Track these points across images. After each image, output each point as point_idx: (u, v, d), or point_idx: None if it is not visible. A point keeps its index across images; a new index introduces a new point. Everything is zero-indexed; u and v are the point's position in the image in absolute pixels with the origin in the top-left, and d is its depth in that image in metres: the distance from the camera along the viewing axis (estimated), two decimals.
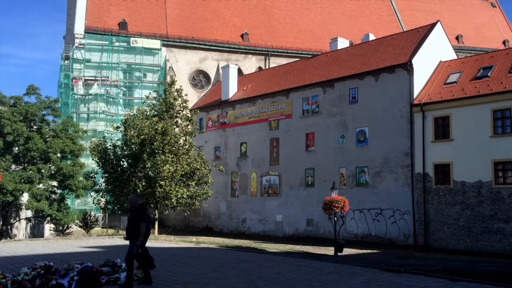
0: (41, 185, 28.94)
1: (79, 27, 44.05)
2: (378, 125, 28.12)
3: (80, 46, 43.61)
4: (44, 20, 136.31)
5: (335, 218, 22.01)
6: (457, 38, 54.37)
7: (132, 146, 29.10)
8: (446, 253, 24.11)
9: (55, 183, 30.51)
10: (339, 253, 21.39)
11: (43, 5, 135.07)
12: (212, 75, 47.05)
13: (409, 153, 26.71)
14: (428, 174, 25.94)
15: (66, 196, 31.39)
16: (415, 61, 27.21)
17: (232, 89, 38.06)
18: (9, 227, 30.87)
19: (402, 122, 27.15)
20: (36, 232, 35.71)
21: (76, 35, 43.98)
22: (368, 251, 24.07)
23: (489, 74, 25.57)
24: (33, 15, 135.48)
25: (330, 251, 22.43)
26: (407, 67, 27.13)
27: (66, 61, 43.52)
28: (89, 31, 43.95)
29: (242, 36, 48.62)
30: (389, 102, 27.80)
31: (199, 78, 47.30)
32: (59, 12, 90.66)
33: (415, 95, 26.96)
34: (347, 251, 22.46)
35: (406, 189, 26.74)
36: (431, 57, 28.63)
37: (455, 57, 30.42)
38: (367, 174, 28.49)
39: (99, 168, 30.21)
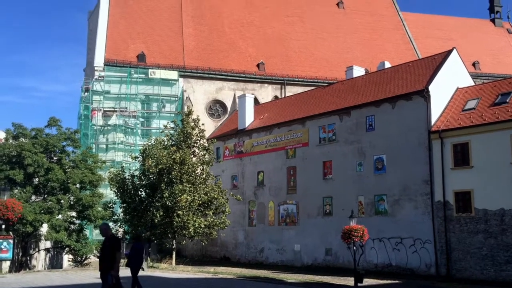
0: (60, 216, 29.18)
1: (99, 60, 45.04)
2: (396, 152, 27.90)
3: (99, 78, 44.51)
4: (66, 54, 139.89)
5: (354, 248, 21.67)
6: (473, 64, 54.22)
7: (150, 176, 29.30)
8: (470, 283, 23.45)
9: (74, 214, 30.74)
10: (359, 284, 20.98)
11: (65, 40, 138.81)
12: (229, 105, 47.45)
13: (428, 180, 26.35)
14: (449, 202, 25.51)
15: (85, 227, 31.54)
16: (431, 88, 27.13)
17: (249, 118, 38.28)
18: (28, 258, 31.03)
19: (420, 149, 26.90)
20: (54, 263, 35.81)
21: (96, 68, 44.94)
22: (389, 281, 23.56)
23: (507, 100, 25.34)
24: (55, 50, 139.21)
25: (349, 281, 22.01)
26: (424, 94, 27.04)
27: (86, 93, 44.39)
28: (108, 63, 44.90)
29: (258, 65, 49.15)
30: (406, 129, 27.64)
31: (216, 107, 47.73)
32: (80, 46, 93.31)
33: (432, 122, 26.77)
34: (367, 281, 22.01)
35: (427, 217, 26.28)
36: (448, 83, 28.53)
37: (472, 84, 30.25)
38: (386, 202, 28.12)
39: (117, 198, 30.39)
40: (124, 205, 29.66)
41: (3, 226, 25.91)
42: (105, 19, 48.00)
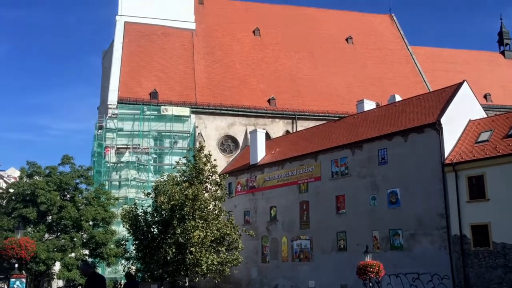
0: (73, 254, 29.10)
1: (113, 98, 45.77)
2: (410, 185, 27.62)
3: (113, 116, 45.11)
4: (80, 93, 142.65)
5: (370, 284, 21.23)
6: (485, 96, 54.13)
7: (163, 213, 29.20)
8: None
9: (86, 252, 30.63)
10: None
11: (79, 80, 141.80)
12: (240, 140, 47.63)
13: (444, 214, 25.96)
14: (466, 236, 25.02)
15: (97, 265, 31.35)
16: (443, 120, 27.06)
17: (260, 153, 38.33)
18: None
19: (435, 182, 26.62)
20: None
21: (109, 106, 45.62)
22: None
23: None
24: (70, 89, 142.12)
25: None
26: (436, 127, 26.96)
27: (99, 131, 44.94)
28: (121, 101, 45.58)
29: (269, 101, 49.54)
30: (419, 162, 27.45)
31: (228, 143, 47.92)
32: (94, 85, 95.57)
33: (446, 155, 26.59)
34: None
35: (444, 252, 25.75)
36: (460, 116, 28.46)
37: (485, 116, 30.15)
38: (401, 237, 27.67)
39: (130, 235, 30.26)
40: (136, 242, 29.48)
41: (16, 265, 25.84)
42: (118, 58, 49.02)
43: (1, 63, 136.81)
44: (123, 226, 30.47)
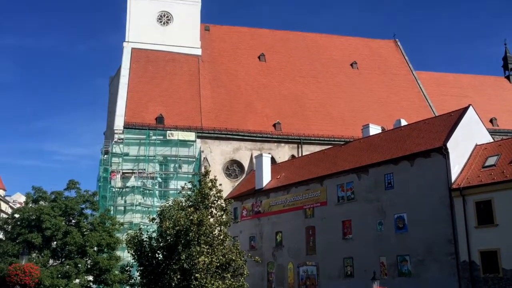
0: (77, 280, 28.80)
1: (119, 123, 46.02)
2: (417, 211, 27.35)
3: (119, 141, 45.28)
4: (87, 118, 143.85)
5: None
6: (491, 121, 54.00)
7: (168, 238, 28.97)
8: None
9: (91, 278, 30.33)
10: None
11: (87, 105, 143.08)
12: (246, 164, 47.56)
13: (452, 240, 25.61)
14: (475, 262, 24.63)
15: None
16: (450, 145, 26.95)
17: (266, 178, 38.20)
18: None
19: (442, 207, 26.35)
20: None
21: (115, 131, 45.84)
22: None
23: None
24: (77, 115, 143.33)
25: None
26: (442, 151, 26.84)
27: (105, 156, 45.05)
28: (128, 126, 45.81)
29: (274, 125, 49.63)
30: (426, 187, 27.23)
31: (233, 167, 47.85)
32: (101, 110, 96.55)
33: (453, 179, 26.39)
34: None
35: (453, 278, 25.31)
36: (466, 140, 28.35)
37: (491, 140, 30.02)
38: (409, 263, 27.26)
39: (135, 261, 29.97)
40: (141, 268, 29.18)
41: None
42: (125, 83, 49.49)
43: (11, 89, 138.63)
44: (128, 252, 30.19)
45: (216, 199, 30.46)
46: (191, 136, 46.20)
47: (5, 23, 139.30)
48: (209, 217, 29.35)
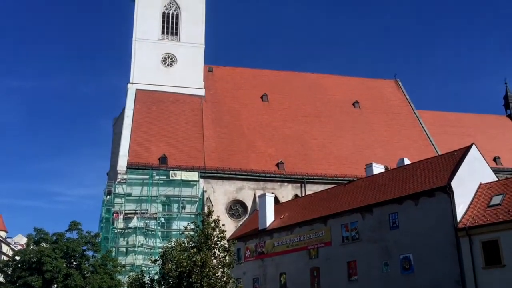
0: None
1: (122, 163, 46.14)
2: (423, 251, 26.92)
3: (122, 181, 45.27)
4: (90, 159, 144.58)
5: None
6: (494, 159, 53.93)
7: (170, 280, 28.50)
8: None
9: None
10: None
11: (90, 146, 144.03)
12: (249, 204, 47.30)
13: (459, 281, 25.10)
14: None
15: None
16: (454, 183, 26.80)
17: (269, 218, 37.87)
18: None
19: (448, 247, 25.95)
20: None
21: (119, 171, 45.90)
22: None
23: None
24: (81, 155, 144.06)
25: None
26: (447, 190, 26.66)
27: (108, 196, 44.94)
28: (131, 166, 45.89)
29: (277, 165, 49.64)
30: (432, 226, 26.92)
31: (236, 207, 47.58)
32: (104, 150, 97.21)
33: (458, 219, 26.10)
34: None
35: None
36: (470, 179, 28.21)
37: (495, 179, 29.86)
38: None
39: None
40: None
41: None
42: (129, 124, 49.93)
43: (15, 131, 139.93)
44: None
45: (219, 239, 30.12)
46: (194, 176, 46.17)
47: (11, 66, 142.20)
48: (212, 258, 28.96)
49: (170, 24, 57.91)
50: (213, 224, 30.41)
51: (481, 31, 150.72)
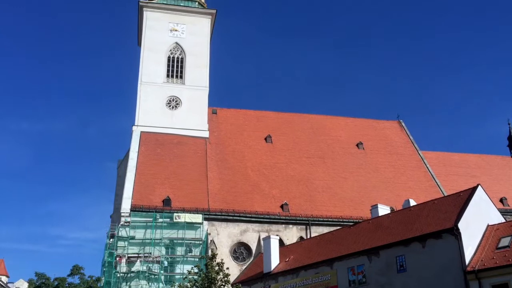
0: None
1: (126, 206, 45.87)
2: None
3: (125, 224, 44.90)
4: (94, 202, 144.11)
5: None
6: (501, 200, 53.42)
7: None
8: None
9: None
10: None
11: (94, 189, 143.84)
12: (253, 247, 46.66)
13: None
14: None
15: None
16: (461, 225, 26.49)
17: (274, 261, 37.30)
18: None
19: None
20: None
21: (122, 214, 45.58)
22: None
23: None
24: (84, 198, 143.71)
25: None
26: (454, 232, 26.32)
27: (111, 239, 44.48)
28: (134, 209, 45.61)
29: (282, 206, 49.26)
30: (440, 269, 26.41)
31: (240, 250, 46.91)
32: (108, 193, 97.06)
33: (467, 261, 25.64)
34: None
35: None
36: (477, 220, 27.90)
37: (503, 220, 29.54)
38: None
39: None
40: None
41: None
42: (133, 166, 49.96)
43: (21, 174, 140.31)
44: None
45: (223, 283, 29.64)
46: (198, 218, 45.79)
47: (20, 109, 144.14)
48: None
49: (175, 68, 58.88)
50: (217, 268, 29.98)
51: (484, 72, 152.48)
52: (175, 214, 45.49)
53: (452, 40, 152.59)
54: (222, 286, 29.56)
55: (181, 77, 58.64)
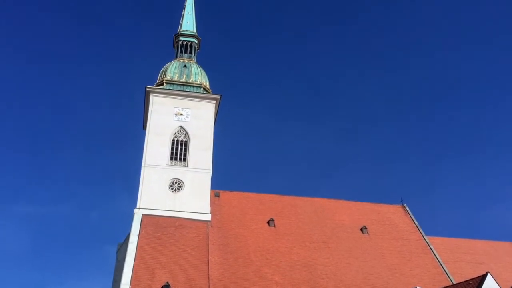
0: None
1: None
2: None
3: None
4: (91, 286, 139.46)
5: None
6: None
7: None
8: None
9: None
10: None
11: (92, 274, 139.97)
12: None
13: None
14: None
15: None
16: None
17: None
18: None
19: None
20: None
21: None
22: None
23: None
24: (81, 284, 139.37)
25: None
26: None
27: None
28: None
29: None
30: None
31: None
32: (106, 278, 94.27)
33: None
34: None
35: None
36: None
37: None
38: None
39: None
40: None
41: None
42: (133, 250, 49.04)
43: (20, 258, 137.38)
44: None
45: None
46: None
47: (22, 192, 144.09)
48: None
49: (179, 151, 59.58)
50: None
51: (489, 157, 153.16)
52: None
53: (458, 119, 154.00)
54: None
55: (184, 159, 59.19)
